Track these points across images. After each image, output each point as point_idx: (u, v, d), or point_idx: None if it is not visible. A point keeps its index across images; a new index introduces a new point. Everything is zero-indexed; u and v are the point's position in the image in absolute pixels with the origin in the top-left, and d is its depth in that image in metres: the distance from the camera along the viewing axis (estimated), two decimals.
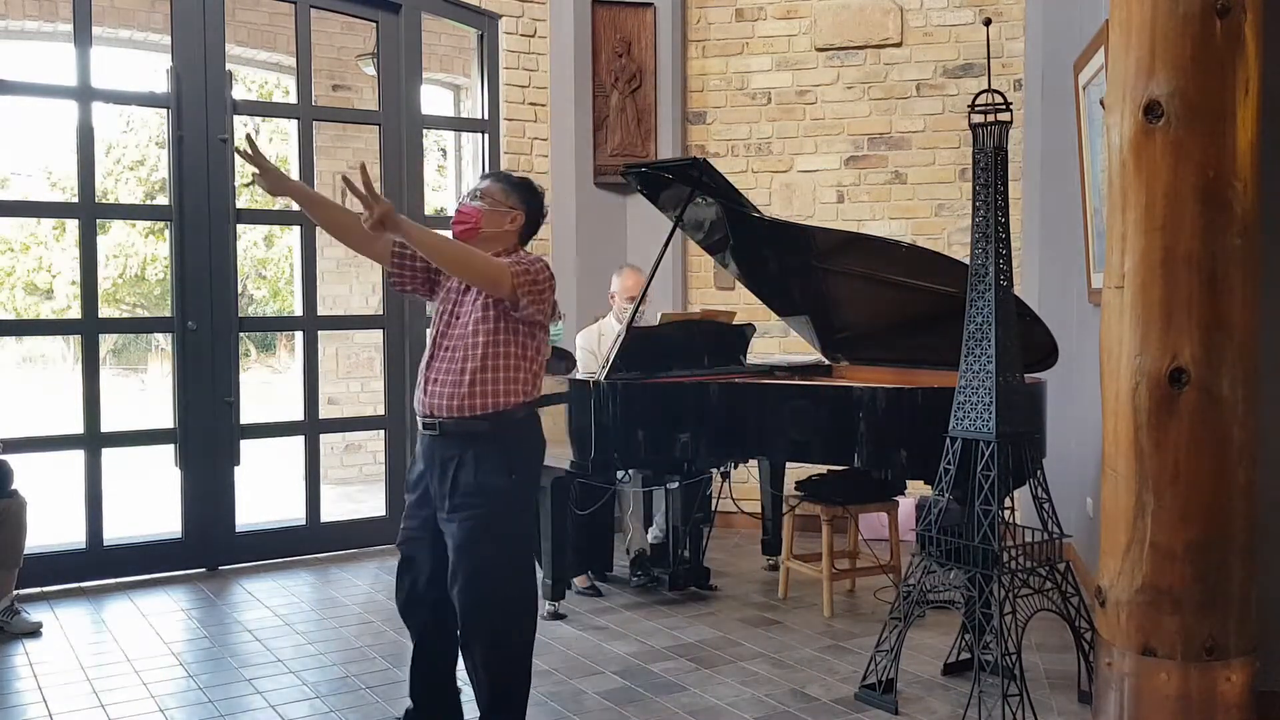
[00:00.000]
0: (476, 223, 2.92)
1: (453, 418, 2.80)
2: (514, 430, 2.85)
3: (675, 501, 4.70)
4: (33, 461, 4.91)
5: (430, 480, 2.89)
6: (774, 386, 4.25)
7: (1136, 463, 2.36)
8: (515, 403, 2.83)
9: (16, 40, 7.04)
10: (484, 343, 2.80)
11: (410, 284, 3.04)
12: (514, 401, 2.83)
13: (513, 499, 2.85)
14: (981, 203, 3.16)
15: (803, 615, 4.38)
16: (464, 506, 2.80)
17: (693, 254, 5.97)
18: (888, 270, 4.25)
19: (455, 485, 2.80)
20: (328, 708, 3.42)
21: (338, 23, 7.17)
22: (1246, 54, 2.29)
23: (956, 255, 4.69)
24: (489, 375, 2.79)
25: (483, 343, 2.80)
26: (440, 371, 2.84)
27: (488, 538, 2.80)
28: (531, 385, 2.89)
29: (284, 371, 16.86)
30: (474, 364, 2.79)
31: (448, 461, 2.82)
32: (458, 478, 2.80)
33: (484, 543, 2.79)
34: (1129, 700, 2.40)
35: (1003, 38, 5.56)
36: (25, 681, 3.67)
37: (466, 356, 2.80)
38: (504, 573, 2.84)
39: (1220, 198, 2.29)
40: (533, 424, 2.93)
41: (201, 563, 5.05)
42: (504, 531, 2.83)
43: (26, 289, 17.04)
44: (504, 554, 2.84)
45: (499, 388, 2.81)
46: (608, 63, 5.89)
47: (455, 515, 2.81)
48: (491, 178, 3.04)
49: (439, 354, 2.87)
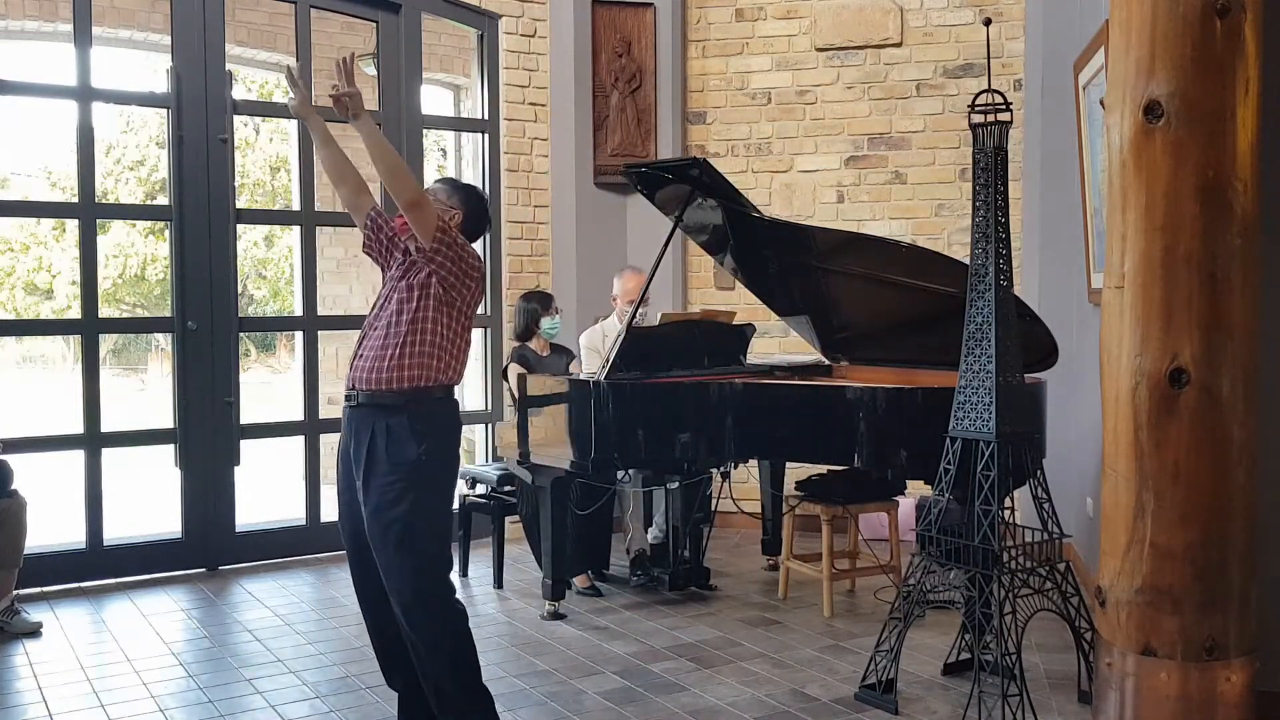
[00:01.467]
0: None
1: (369, 390, 2.93)
2: (426, 407, 2.95)
3: (675, 501, 4.70)
4: (33, 461, 4.91)
5: (350, 451, 3.01)
6: (774, 386, 4.25)
7: (1136, 463, 2.36)
8: (431, 382, 2.94)
9: (16, 40, 7.05)
10: (407, 321, 2.93)
11: (374, 250, 3.14)
12: (430, 380, 2.94)
13: (421, 470, 2.92)
14: (981, 203, 3.16)
15: (803, 615, 4.38)
16: (377, 475, 2.91)
17: (693, 254, 5.97)
18: (888, 270, 4.25)
19: (370, 455, 2.92)
20: (328, 708, 3.42)
21: (338, 23, 7.16)
22: (1246, 54, 2.29)
23: (956, 255, 4.69)
24: (407, 353, 2.91)
25: (406, 321, 2.93)
26: (366, 349, 2.97)
27: (397, 505, 2.89)
28: (450, 368, 2.99)
29: (284, 371, 16.86)
30: (394, 341, 2.92)
31: (363, 432, 2.95)
32: (372, 447, 2.92)
33: (393, 508, 2.88)
34: (1129, 700, 2.40)
35: (1003, 38, 5.56)
36: (25, 681, 3.67)
37: (388, 335, 2.93)
38: (415, 535, 2.91)
39: (1220, 198, 2.29)
40: (448, 405, 3.04)
41: (201, 563, 5.05)
42: (414, 499, 2.90)
43: (26, 289, 17.04)
44: (416, 519, 2.90)
45: (415, 363, 2.91)
46: (608, 63, 5.89)
47: (369, 483, 2.92)
48: (441, 180, 3.22)
49: (369, 332, 3.00)
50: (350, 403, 3.00)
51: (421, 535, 2.92)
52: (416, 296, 2.94)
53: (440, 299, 2.94)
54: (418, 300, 2.93)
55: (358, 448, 2.97)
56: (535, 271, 5.88)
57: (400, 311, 2.94)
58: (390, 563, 2.91)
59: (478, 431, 6.30)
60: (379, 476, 2.91)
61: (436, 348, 2.95)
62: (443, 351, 2.97)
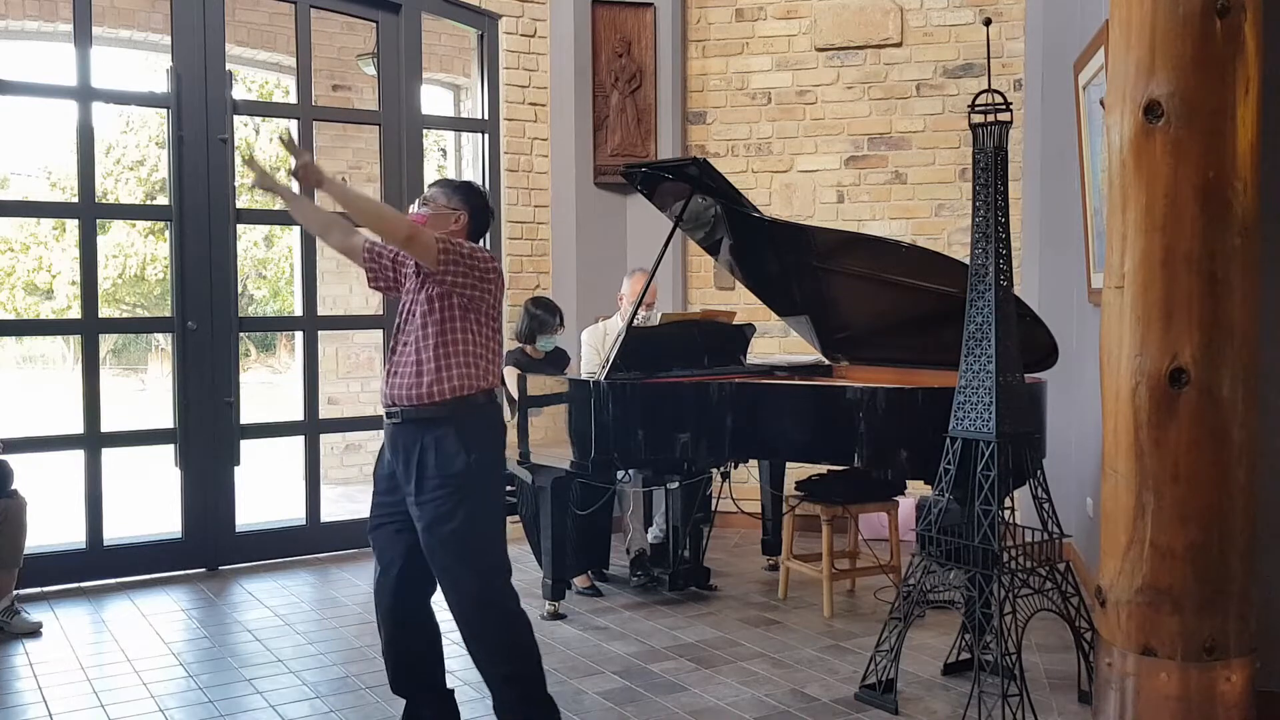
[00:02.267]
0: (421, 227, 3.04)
1: (412, 405, 2.91)
2: (471, 415, 2.94)
3: (675, 501, 4.70)
4: (33, 461, 4.92)
5: (396, 468, 2.98)
6: (774, 386, 4.25)
7: (1136, 463, 2.36)
8: (472, 389, 2.93)
9: (16, 40, 7.04)
10: (434, 333, 2.92)
11: (384, 282, 3.15)
12: (471, 388, 2.93)
13: (473, 478, 2.92)
14: (981, 203, 3.16)
15: (803, 615, 4.38)
16: (428, 490, 2.89)
17: (693, 254, 5.97)
18: (888, 270, 4.25)
19: (420, 471, 2.90)
20: (328, 708, 3.42)
21: (338, 23, 7.17)
22: (1246, 54, 2.29)
23: (956, 255, 4.69)
24: (442, 364, 2.90)
25: (433, 333, 2.92)
26: (399, 365, 2.96)
27: (453, 517, 2.88)
28: (487, 372, 2.99)
29: (284, 371, 16.87)
30: (426, 354, 2.91)
31: (410, 447, 2.92)
32: (421, 461, 2.90)
33: (450, 522, 2.88)
34: (1129, 700, 2.40)
35: (1003, 38, 5.56)
36: (25, 681, 3.67)
37: (419, 347, 2.92)
38: (474, 545, 2.92)
39: (1220, 198, 2.29)
40: (490, 409, 3.03)
41: (201, 563, 5.05)
42: (469, 509, 2.91)
43: (26, 289, 17.05)
44: (471, 529, 2.91)
45: (454, 373, 2.91)
46: (608, 63, 5.89)
47: (422, 499, 2.90)
48: (436, 184, 3.18)
49: (398, 347, 2.99)
50: (393, 419, 2.97)
51: (479, 544, 2.93)
52: (439, 308, 2.92)
53: (464, 306, 2.93)
54: (441, 311, 2.92)
55: (405, 464, 2.94)
56: (535, 271, 5.88)
57: (426, 325, 2.92)
58: (450, 574, 2.91)
59: None
60: (431, 491, 2.89)
61: (470, 355, 2.94)
62: (477, 358, 2.96)
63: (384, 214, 2.97)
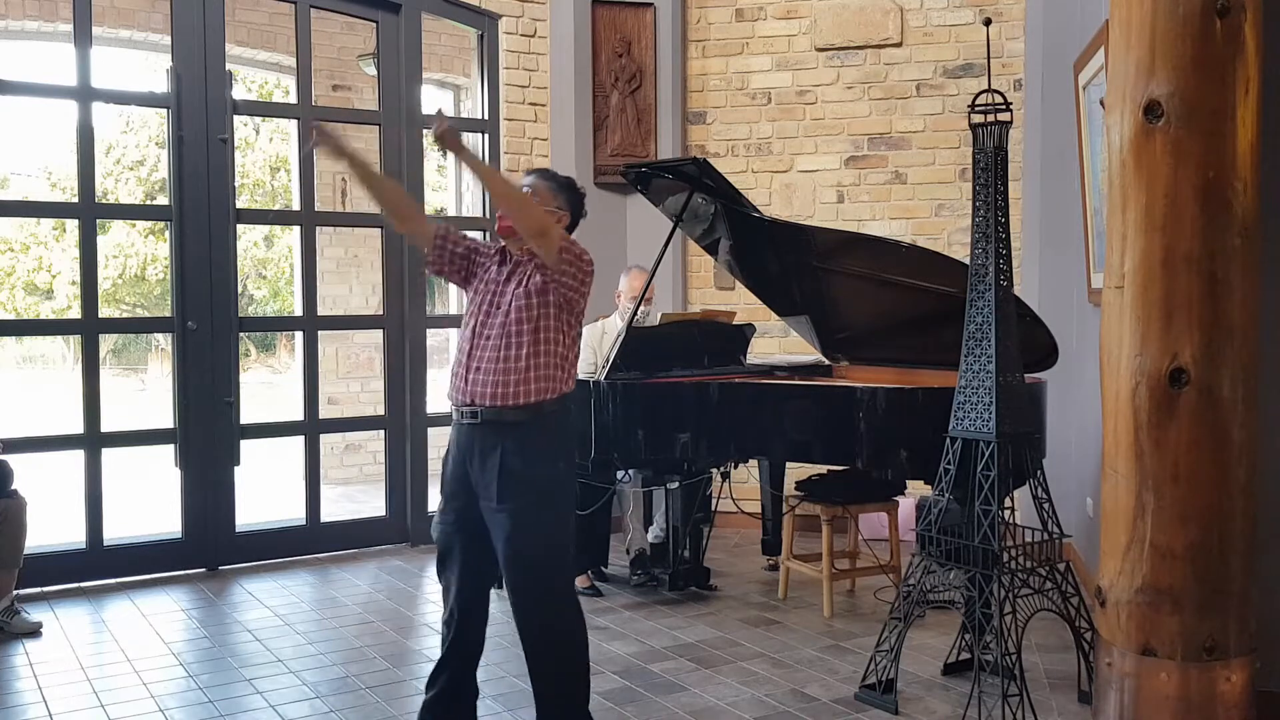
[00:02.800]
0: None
1: (495, 406, 2.79)
2: (555, 419, 2.86)
3: (675, 501, 4.70)
4: (33, 461, 4.91)
5: (471, 470, 2.86)
6: (774, 386, 4.25)
7: (1136, 463, 2.36)
8: (555, 394, 2.85)
9: (16, 40, 7.04)
10: (528, 330, 2.81)
11: (446, 269, 3.01)
12: (555, 392, 2.85)
13: (557, 486, 2.87)
14: (981, 203, 3.16)
15: (803, 615, 4.38)
16: (512, 496, 2.79)
17: (693, 254, 5.97)
18: (888, 270, 4.25)
19: (502, 474, 2.79)
20: (328, 708, 3.42)
21: (338, 23, 7.17)
22: (1246, 54, 2.29)
23: (956, 255, 4.69)
24: (533, 364, 2.80)
25: (529, 331, 2.81)
26: (483, 361, 2.83)
27: (536, 525, 2.80)
28: (570, 377, 2.92)
29: (284, 371, 16.86)
30: (520, 353, 2.80)
31: (490, 451, 2.81)
32: (504, 466, 2.79)
33: (533, 530, 2.80)
34: (1129, 700, 2.40)
35: (1003, 38, 5.56)
36: (25, 681, 3.67)
37: (511, 345, 2.81)
38: (552, 558, 2.85)
39: (1220, 198, 2.29)
40: (569, 415, 2.95)
41: (201, 563, 5.05)
42: (550, 519, 2.84)
43: (26, 289, 17.05)
44: (552, 540, 2.85)
45: (542, 374, 2.81)
46: (608, 63, 5.89)
47: (504, 505, 2.79)
48: (539, 175, 3.05)
49: (480, 343, 2.86)
50: (471, 419, 2.83)
51: (562, 551, 2.87)
52: (536, 305, 2.82)
53: (558, 306, 2.85)
54: (538, 309, 2.82)
55: (484, 468, 2.82)
56: None
57: (521, 320, 2.81)
58: (531, 582, 2.83)
59: None
60: (517, 498, 2.78)
61: (559, 357, 2.85)
62: (564, 361, 2.88)
63: (524, 200, 2.81)
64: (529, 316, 2.82)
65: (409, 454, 5.54)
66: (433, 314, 6.50)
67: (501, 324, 2.83)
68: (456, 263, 3.00)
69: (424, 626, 4.30)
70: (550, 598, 2.87)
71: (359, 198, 7.82)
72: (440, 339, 9.62)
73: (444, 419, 6.37)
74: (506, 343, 2.81)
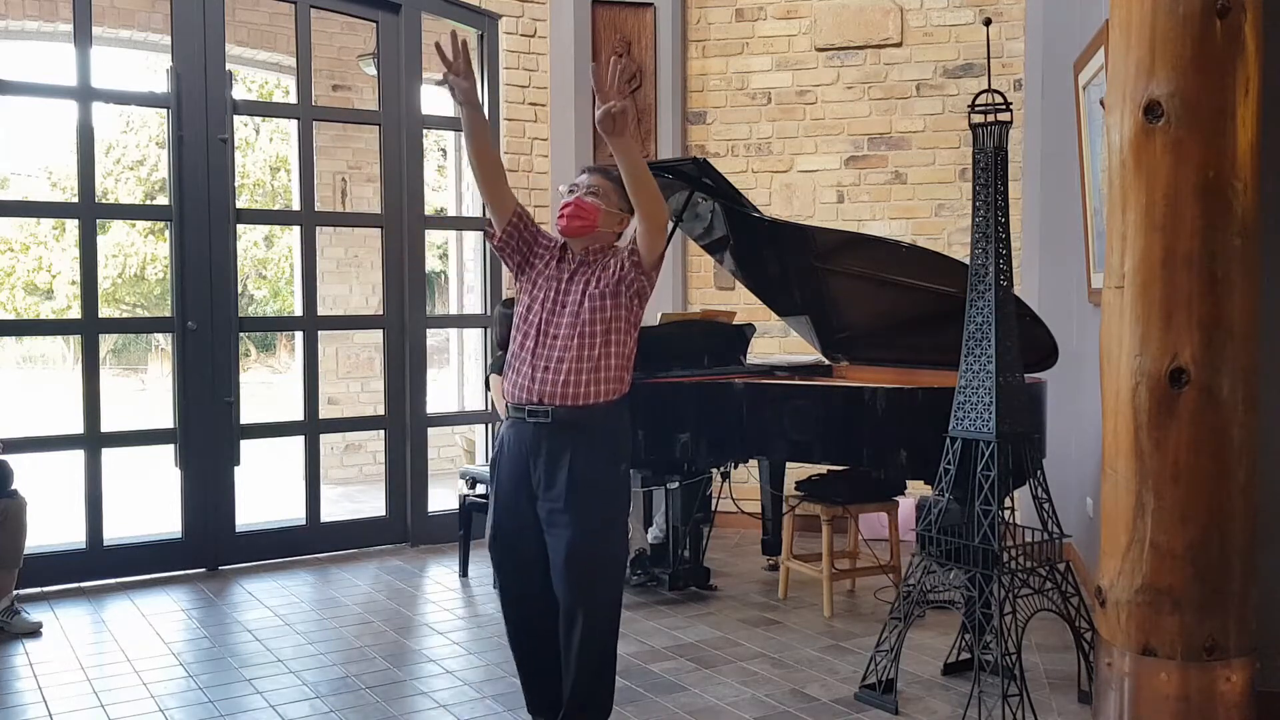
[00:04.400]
0: (593, 222, 2.84)
1: (567, 406, 2.75)
2: (619, 419, 2.84)
3: (675, 501, 4.70)
4: (33, 461, 4.91)
5: (535, 469, 2.81)
6: (774, 386, 4.25)
7: (1136, 463, 2.36)
8: (618, 395, 2.82)
9: (16, 40, 7.04)
10: (602, 331, 2.77)
11: (508, 249, 2.92)
12: (618, 394, 2.82)
13: (621, 489, 2.86)
14: (981, 203, 3.16)
15: (803, 615, 4.38)
16: (579, 498, 2.75)
17: (693, 254, 5.97)
18: (888, 270, 4.25)
19: (571, 476, 2.75)
20: (328, 708, 3.42)
21: (338, 23, 7.17)
22: (1246, 54, 2.29)
23: (956, 255, 4.69)
24: (603, 365, 2.77)
25: (601, 332, 2.77)
26: (552, 360, 2.77)
27: (599, 530, 2.78)
28: (630, 379, 2.89)
29: (284, 371, 16.87)
30: (593, 353, 2.76)
31: (559, 451, 2.77)
32: (574, 468, 2.75)
33: (596, 534, 2.76)
34: (1129, 700, 2.40)
35: (1003, 38, 5.56)
36: (25, 681, 3.66)
37: (584, 345, 2.76)
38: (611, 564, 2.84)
39: (1220, 198, 2.29)
40: (628, 415, 2.92)
41: (201, 563, 5.05)
42: (613, 523, 2.83)
43: (26, 289, 17.05)
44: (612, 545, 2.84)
45: (610, 375, 2.79)
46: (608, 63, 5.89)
47: (570, 507, 2.75)
48: (600, 173, 2.93)
49: (546, 340, 2.80)
50: (538, 418, 2.76)
51: (620, 556, 2.86)
52: (609, 305, 2.78)
53: (627, 307, 2.81)
54: (612, 309, 2.78)
55: (551, 469, 2.77)
56: None
57: (595, 321, 2.77)
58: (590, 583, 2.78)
59: (478, 431, 6.31)
60: (584, 501, 2.74)
61: (625, 358, 2.82)
62: (628, 362, 2.85)
63: (659, 193, 2.73)
64: (602, 318, 2.78)
65: (409, 454, 5.54)
66: (433, 314, 6.51)
67: (571, 323, 2.78)
68: (522, 246, 2.92)
69: (424, 626, 4.30)
70: (603, 604, 2.83)
71: (359, 197, 7.83)
72: (440, 339, 9.64)
73: (444, 419, 6.38)
74: (580, 342, 2.76)
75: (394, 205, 5.50)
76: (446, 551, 5.36)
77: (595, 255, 2.88)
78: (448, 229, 8.40)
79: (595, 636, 2.83)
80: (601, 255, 2.88)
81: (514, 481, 2.85)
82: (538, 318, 2.83)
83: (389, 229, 5.52)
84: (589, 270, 2.84)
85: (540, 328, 2.82)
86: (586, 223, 2.83)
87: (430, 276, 7.24)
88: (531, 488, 2.83)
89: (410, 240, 5.53)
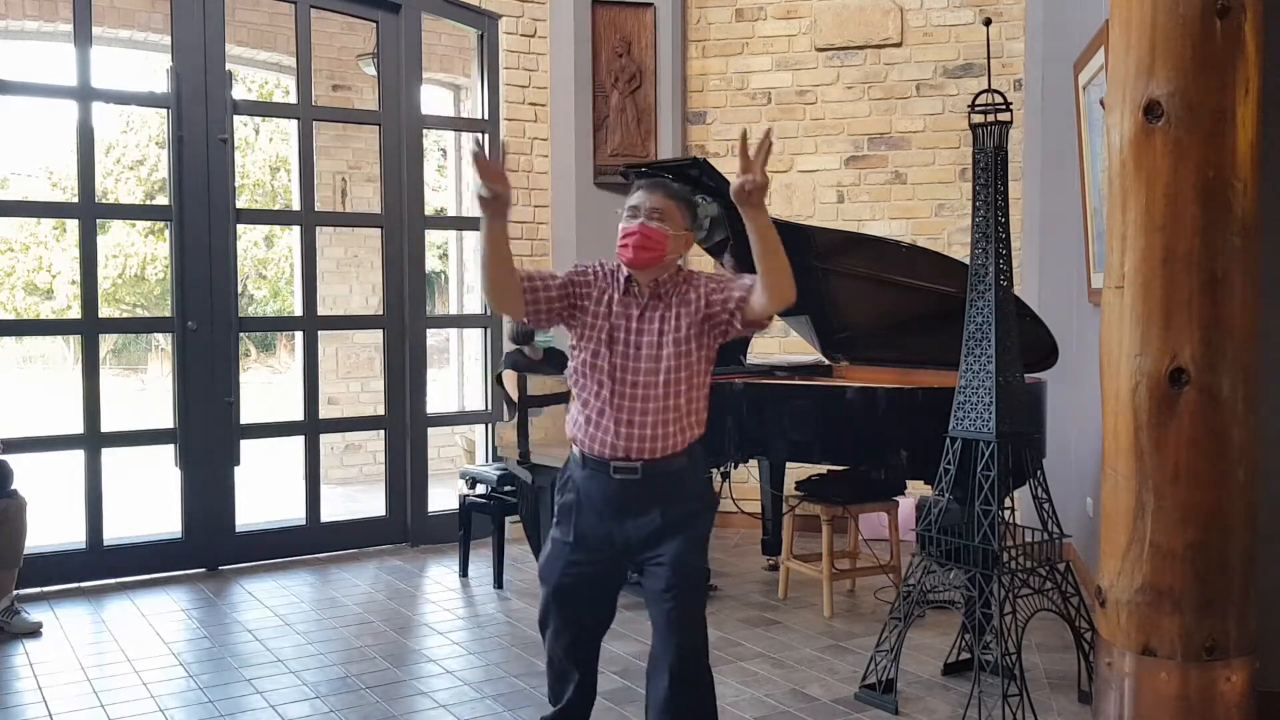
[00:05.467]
0: (661, 252, 2.59)
1: (655, 459, 2.59)
2: (701, 464, 2.72)
3: None
4: (33, 461, 4.91)
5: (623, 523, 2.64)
6: (774, 386, 4.25)
7: (1136, 463, 2.36)
8: (700, 434, 2.70)
9: (16, 40, 7.04)
10: (685, 379, 2.60)
11: (544, 316, 2.66)
12: (704, 427, 2.71)
13: (708, 532, 2.78)
14: (981, 203, 3.16)
15: (803, 615, 4.38)
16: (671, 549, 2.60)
17: (693, 254, 5.97)
18: (888, 270, 4.25)
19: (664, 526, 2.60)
20: (328, 708, 3.42)
21: (338, 23, 7.17)
22: (1246, 54, 2.29)
23: (956, 255, 4.69)
24: (687, 410, 2.62)
25: (685, 379, 2.60)
26: (635, 412, 2.58)
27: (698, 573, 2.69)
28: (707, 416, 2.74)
29: (284, 371, 16.86)
30: (679, 401, 2.60)
31: (649, 504, 2.61)
32: (666, 517, 2.60)
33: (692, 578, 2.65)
34: (1129, 700, 2.40)
35: (1003, 38, 5.56)
36: (25, 681, 3.67)
37: (670, 395, 2.58)
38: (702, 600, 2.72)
39: (1220, 198, 2.29)
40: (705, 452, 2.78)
41: (201, 563, 5.05)
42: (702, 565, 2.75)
43: (26, 289, 17.05)
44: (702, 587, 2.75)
45: (694, 420, 2.65)
46: (608, 63, 5.89)
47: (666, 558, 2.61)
48: (662, 192, 2.65)
49: (625, 389, 2.59)
50: (628, 474, 2.59)
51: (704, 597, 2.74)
52: (693, 347, 2.59)
53: (710, 346, 2.63)
54: (696, 352, 2.60)
55: (642, 522, 2.60)
56: None
57: (680, 366, 2.58)
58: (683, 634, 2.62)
59: (478, 431, 6.31)
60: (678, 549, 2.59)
61: (706, 394, 2.67)
62: (707, 402, 2.68)
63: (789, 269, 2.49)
64: (687, 361, 2.59)
65: (409, 454, 5.54)
66: (433, 314, 6.50)
67: (651, 369, 2.58)
68: (554, 307, 2.64)
69: (424, 626, 4.30)
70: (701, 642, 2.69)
71: (359, 197, 7.83)
72: (440, 339, 9.63)
73: (444, 419, 6.38)
74: (665, 391, 2.58)
75: (394, 205, 5.50)
76: (446, 551, 5.36)
77: (667, 287, 2.62)
78: (448, 229, 8.39)
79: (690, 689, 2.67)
80: (675, 286, 2.63)
81: (598, 538, 2.68)
82: (606, 363, 2.61)
83: (389, 229, 5.53)
84: (663, 305, 2.61)
85: (615, 375, 2.60)
86: (654, 254, 2.58)
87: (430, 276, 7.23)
88: (614, 544, 2.67)
89: (410, 240, 5.53)
